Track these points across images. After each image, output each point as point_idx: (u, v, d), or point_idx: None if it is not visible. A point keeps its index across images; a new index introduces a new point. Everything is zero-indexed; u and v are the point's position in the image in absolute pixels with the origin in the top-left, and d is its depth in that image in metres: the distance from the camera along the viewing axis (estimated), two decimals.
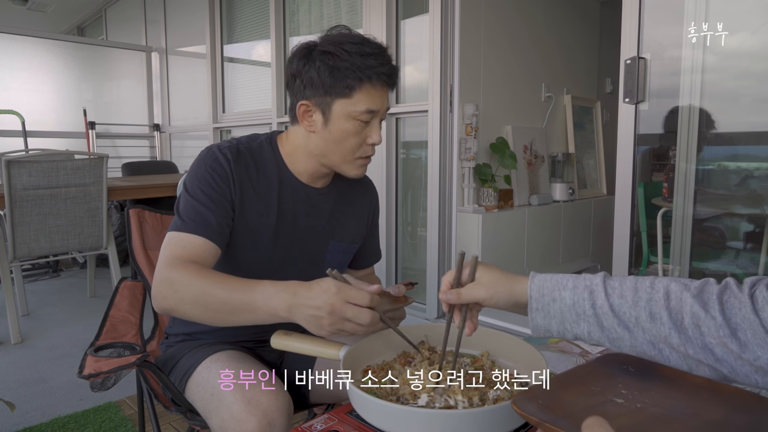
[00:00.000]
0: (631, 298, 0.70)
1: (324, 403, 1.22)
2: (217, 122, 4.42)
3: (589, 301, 0.72)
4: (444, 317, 0.84)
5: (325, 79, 1.01)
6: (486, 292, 0.78)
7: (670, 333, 0.66)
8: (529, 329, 0.76)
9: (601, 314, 0.71)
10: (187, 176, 1.08)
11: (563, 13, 3.72)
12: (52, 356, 2.65)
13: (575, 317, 0.72)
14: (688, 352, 0.65)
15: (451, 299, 0.80)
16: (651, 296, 0.69)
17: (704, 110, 1.90)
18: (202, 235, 0.99)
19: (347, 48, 1.00)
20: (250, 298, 0.86)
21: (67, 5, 6.26)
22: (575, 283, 0.74)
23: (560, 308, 0.73)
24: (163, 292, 0.93)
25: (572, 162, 3.75)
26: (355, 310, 0.78)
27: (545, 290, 0.75)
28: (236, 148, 1.10)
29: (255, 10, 4.03)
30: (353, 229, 1.25)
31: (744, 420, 0.57)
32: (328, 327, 0.79)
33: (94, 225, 3.08)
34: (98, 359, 0.99)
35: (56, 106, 4.95)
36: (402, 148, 3.03)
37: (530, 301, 0.75)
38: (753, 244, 2.10)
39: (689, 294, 0.67)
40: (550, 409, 0.55)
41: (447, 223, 2.77)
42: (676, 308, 0.67)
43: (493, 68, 3.04)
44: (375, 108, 1.03)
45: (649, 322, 0.67)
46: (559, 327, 0.74)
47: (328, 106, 1.03)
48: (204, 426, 1.06)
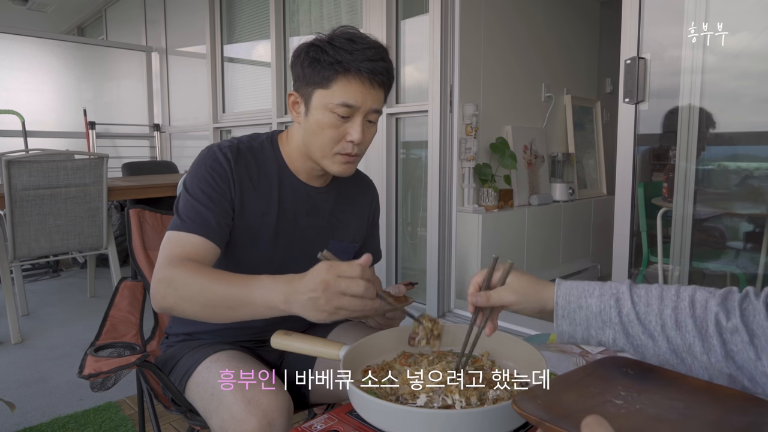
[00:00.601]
0: (657, 307, 0.71)
1: (324, 403, 1.22)
2: (217, 122, 4.42)
3: (616, 308, 0.73)
4: (443, 318, 0.84)
5: (306, 69, 1.03)
6: (515, 297, 0.79)
7: (693, 341, 0.67)
8: (531, 329, 0.76)
9: (627, 322, 0.72)
10: (187, 176, 1.08)
11: (563, 13, 3.72)
12: (52, 356, 2.65)
13: (601, 324, 0.73)
14: (711, 360, 0.66)
15: (480, 302, 0.80)
16: (677, 304, 0.70)
17: (704, 110, 1.90)
18: (201, 234, 0.99)
19: (336, 43, 1.01)
20: (248, 292, 0.86)
21: (67, 5, 6.26)
22: (602, 291, 0.75)
23: (586, 315, 0.74)
24: (162, 291, 0.93)
25: (572, 162, 3.75)
26: (348, 281, 0.77)
27: (571, 297, 0.76)
28: (237, 148, 1.10)
29: (255, 10, 4.03)
30: (353, 229, 1.25)
31: (742, 421, 0.57)
32: (325, 305, 0.77)
33: (94, 225, 3.08)
34: (98, 359, 0.99)
35: (56, 106, 4.95)
36: (402, 148, 3.04)
37: (556, 308, 0.76)
38: (753, 244, 2.10)
39: (714, 302, 0.69)
40: (550, 409, 0.56)
41: (447, 223, 2.77)
42: (701, 317, 0.68)
43: (493, 68, 3.04)
44: (352, 102, 1.01)
45: (675, 329, 0.69)
46: (584, 334, 0.75)
47: (309, 96, 1.04)
48: (204, 426, 1.06)
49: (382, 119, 2.94)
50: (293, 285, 0.81)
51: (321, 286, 0.77)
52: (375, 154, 3.00)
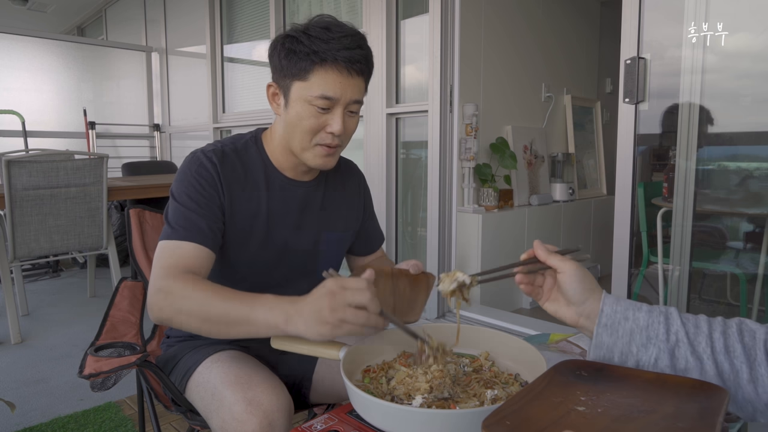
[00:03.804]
0: (706, 329, 0.69)
1: (324, 403, 1.22)
2: (217, 122, 4.43)
3: (665, 325, 0.70)
4: (444, 318, 0.84)
5: (283, 61, 1.01)
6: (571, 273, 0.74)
7: (741, 367, 0.66)
8: (531, 329, 0.76)
9: (675, 341, 0.69)
10: (174, 184, 1.06)
11: (563, 14, 3.72)
12: (52, 356, 2.65)
13: (645, 341, 0.70)
14: (758, 390, 0.65)
15: (539, 247, 0.77)
16: (725, 330, 0.68)
17: (704, 110, 1.90)
18: (193, 241, 0.98)
19: (311, 32, 0.99)
20: (249, 310, 0.84)
21: (67, 5, 6.27)
22: (650, 308, 0.72)
23: (631, 328, 0.71)
24: (159, 302, 0.92)
25: (572, 162, 3.76)
26: (353, 291, 0.77)
27: (618, 307, 0.72)
28: (221, 151, 1.08)
29: (255, 10, 4.03)
30: (345, 216, 1.23)
31: (696, 408, 0.59)
32: (329, 316, 0.76)
33: (94, 225, 3.08)
34: (98, 359, 0.99)
35: (56, 106, 4.96)
36: (402, 148, 3.04)
37: (600, 315, 0.72)
38: (753, 244, 2.10)
39: (763, 330, 0.67)
40: (520, 430, 0.56)
41: (447, 223, 2.77)
42: (749, 344, 0.67)
43: (493, 68, 3.04)
44: (331, 95, 0.99)
45: (724, 354, 0.67)
46: (624, 349, 0.71)
47: (288, 88, 1.03)
48: (204, 426, 1.06)
49: (383, 119, 2.94)
50: (297, 304, 0.81)
51: (326, 296, 0.77)
52: (375, 154, 3.00)
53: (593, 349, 0.72)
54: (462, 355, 0.91)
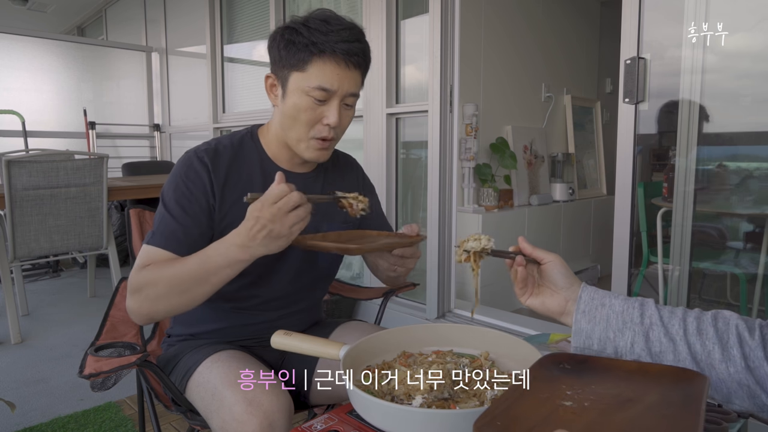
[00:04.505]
0: (680, 314, 0.72)
1: (324, 403, 1.22)
2: (217, 122, 4.42)
3: (639, 310, 0.74)
4: (443, 318, 0.85)
5: (282, 52, 1.03)
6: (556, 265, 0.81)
7: (713, 348, 0.68)
8: (531, 329, 0.77)
9: (649, 324, 0.72)
10: (165, 185, 1.08)
11: (563, 14, 3.72)
12: (52, 356, 2.65)
13: (621, 325, 0.74)
14: (730, 370, 0.67)
15: (524, 242, 0.84)
16: (699, 315, 0.72)
17: (704, 110, 1.90)
18: (168, 249, 1.01)
19: (311, 24, 1.01)
20: (206, 260, 0.92)
21: (67, 5, 6.26)
22: (628, 297, 0.77)
23: (607, 314, 0.75)
24: (137, 302, 0.98)
25: (572, 162, 3.76)
26: (283, 201, 0.86)
27: (596, 295, 0.77)
28: (214, 150, 1.09)
29: (255, 10, 4.03)
30: None
31: (678, 396, 0.61)
32: (281, 229, 0.86)
33: (94, 225, 3.08)
34: (99, 359, 0.99)
35: (56, 106, 4.95)
36: (402, 148, 3.03)
37: (578, 303, 0.77)
38: (753, 244, 2.10)
39: (736, 317, 0.70)
40: (510, 430, 0.56)
41: (447, 223, 2.77)
42: (722, 329, 0.70)
43: (493, 68, 3.04)
44: (328, 86, 1.00)
45: (696, 336, 0.70)
46: (602, 335, 0.74)
47: (286, 79, 1.04)
48: (204, 426, 1.06)
49: (383, 119, 2.94)
50: (241, 235, 0.89)
51: (268, 220, 0.85)
52: (375, 154, 3.00)
53: (574, 336, 0.76)
54: (462, 355, 0.91)
